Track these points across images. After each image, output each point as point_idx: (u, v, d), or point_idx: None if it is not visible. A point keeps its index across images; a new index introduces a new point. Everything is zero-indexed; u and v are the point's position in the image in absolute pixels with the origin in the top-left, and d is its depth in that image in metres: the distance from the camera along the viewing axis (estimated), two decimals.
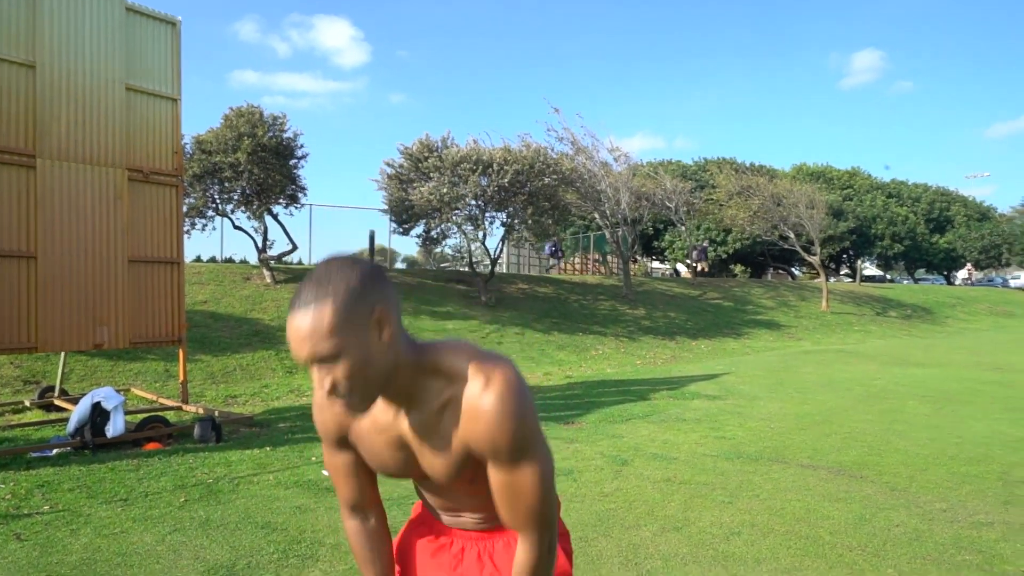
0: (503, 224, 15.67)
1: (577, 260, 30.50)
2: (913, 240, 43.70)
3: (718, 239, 34.64)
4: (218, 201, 14.12)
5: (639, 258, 34.24)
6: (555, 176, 15.06)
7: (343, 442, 1.33)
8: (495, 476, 1.19)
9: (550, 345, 13.55)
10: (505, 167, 14.10)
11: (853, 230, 38.15)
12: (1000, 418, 7.40)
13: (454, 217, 14.60)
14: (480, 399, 1.15)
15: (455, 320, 13.68)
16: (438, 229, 15.27)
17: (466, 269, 17.94)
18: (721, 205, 24.85)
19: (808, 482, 4.89)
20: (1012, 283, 49.76)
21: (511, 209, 15.27)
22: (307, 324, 1.02)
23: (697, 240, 30.20)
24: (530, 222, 14.77)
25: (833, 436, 6.47)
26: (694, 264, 28.35)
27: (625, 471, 5.16)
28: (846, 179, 46.54)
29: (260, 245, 14.63)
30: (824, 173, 45.25)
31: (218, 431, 6.06)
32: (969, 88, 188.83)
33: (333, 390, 1.06)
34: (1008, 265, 49.92)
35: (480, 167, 14.20)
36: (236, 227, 14.91)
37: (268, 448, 5.86)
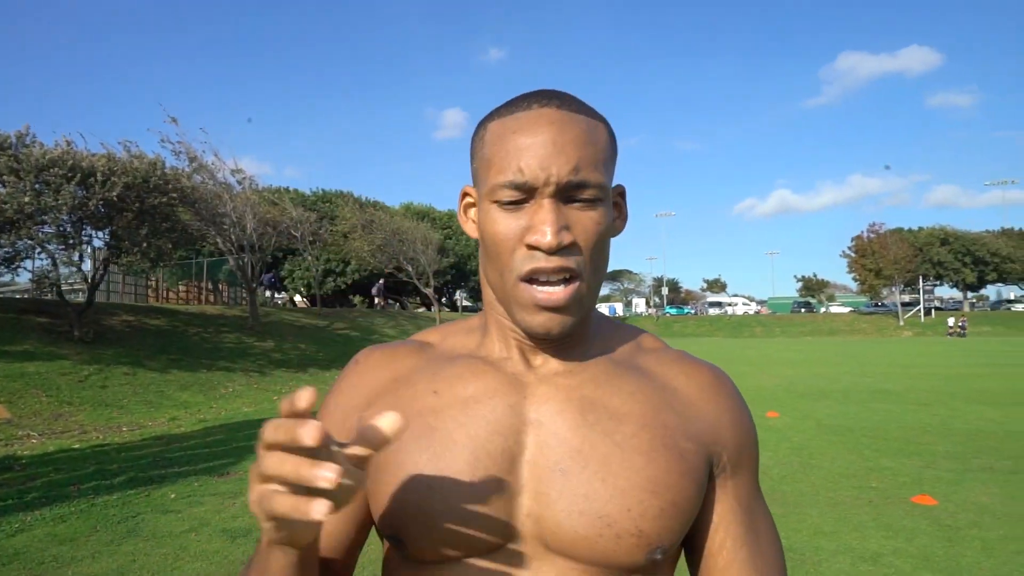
0: (107, 245, 13.18)
1: (183, 288, 27.44)
2: None
3: (337, 269, 35.12)
4: None
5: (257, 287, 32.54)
6: (175, 194, 13.36)
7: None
8: (736, 506, 0.70)
9: (170, 385, 11.86)
10: (113, 178, 11.94)
11: (454, 265, 43.12)
12: None
13: (38, 234, 11.72)
14: (717, 378, 0.73)
15: (38, 361, 10.91)
16: (10, 248, 12.02)
17: (49, 297, 14.49)
18: (346, 236, 25.38)
19: None
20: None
21: (115, 228, 12.97)
22: (582, 128, 0.65)
23: (319, 267, 30.14)
24: (145, 245, 12.74)
25: None
26: (378, 299, 28.68)
27: None
28: (446, 220, 52.17)
29: None
30: (428, 213, 49.92)
31: None
32: None
33: (572, 245, 0.64)
34: None
35: (77, 175, 11.74)
36: None
37: None
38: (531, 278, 0.64)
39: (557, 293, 0.64)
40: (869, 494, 5.41)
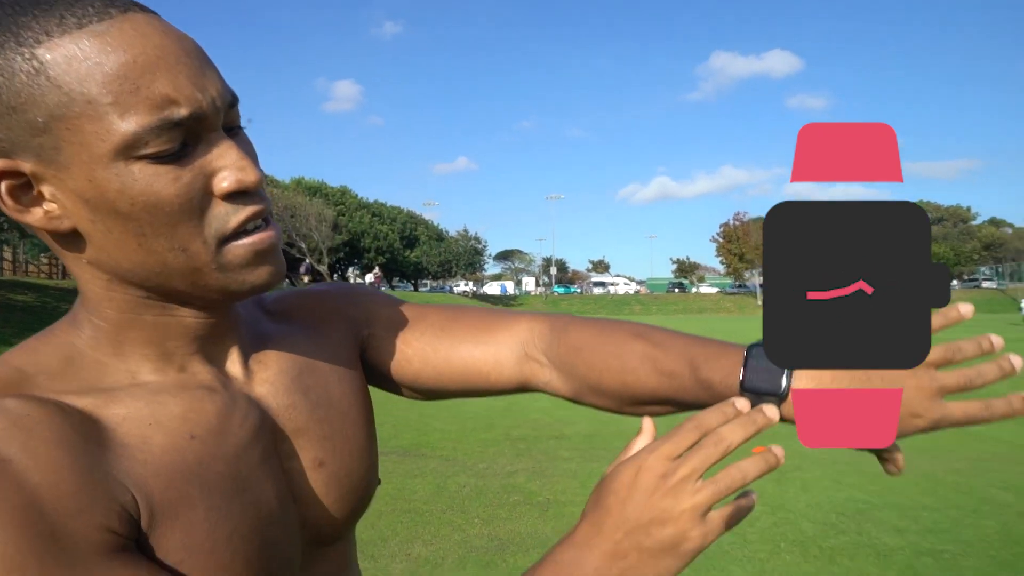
0: None
1: (47, 261, 25.44)
2: (392, 254, 51.16)
3: None
4: None
5: None
6: None
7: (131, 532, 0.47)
8: (434, 319, 0.73)
9: None
10: None
11: (347, 243, 42.42)
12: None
13: None
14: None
15: None
16: None
17: None
18: None
19: (386, 467, 5.77)
20: (455, 290, 63.14)
21: None
22: (191, 43, 0.50)
23: None
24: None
25: (385, 425, 7.59)
26: (307, 277, 27.25)
27: None
28: (338, 196, 51.04)
29: None
30: (320, 188, 48.58)
31: None
32: (421, 131, 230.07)
33: (258, 179, 0.51)
34: (455, 276, 62.92)
35: None
36: None
37: None
38: (241, 231, 0.51)
39: (270, 233, 0.52)
40: None
